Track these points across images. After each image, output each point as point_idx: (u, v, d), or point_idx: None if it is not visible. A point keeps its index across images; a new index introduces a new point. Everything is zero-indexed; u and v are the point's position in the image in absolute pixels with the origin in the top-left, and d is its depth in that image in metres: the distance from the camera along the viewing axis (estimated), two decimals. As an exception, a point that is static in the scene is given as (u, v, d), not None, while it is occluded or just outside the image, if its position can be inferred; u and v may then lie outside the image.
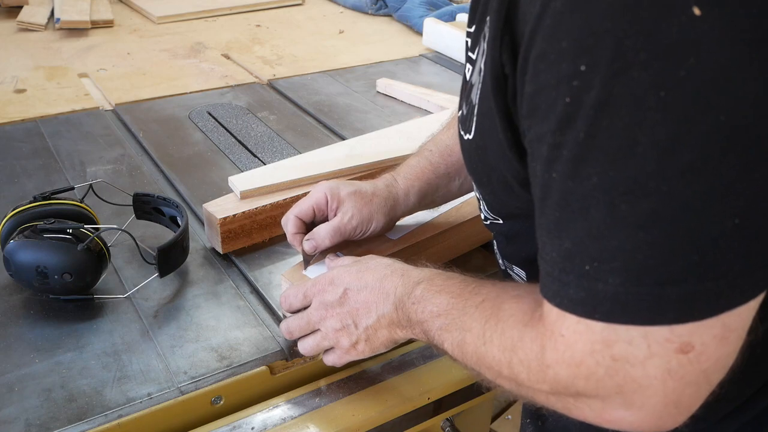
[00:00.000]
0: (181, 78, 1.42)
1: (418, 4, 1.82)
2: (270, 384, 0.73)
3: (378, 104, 1.34)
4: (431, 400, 0.76)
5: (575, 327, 0.43)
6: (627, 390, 0.42)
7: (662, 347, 0.40)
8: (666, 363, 0.40)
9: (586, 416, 0.46)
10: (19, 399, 0.66)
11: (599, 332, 0.42)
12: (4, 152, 1.09)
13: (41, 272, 0.73)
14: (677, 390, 0.41)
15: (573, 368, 0.44)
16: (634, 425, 0.44)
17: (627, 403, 0.43)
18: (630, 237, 0.39)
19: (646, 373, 0.41)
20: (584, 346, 0.43)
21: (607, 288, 0.40)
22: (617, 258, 0.40)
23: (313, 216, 0.78)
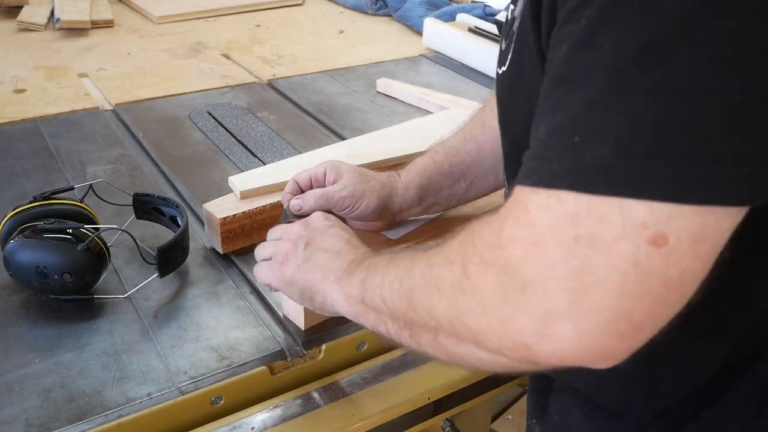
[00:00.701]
0: (181, 78, 1.42)
1: (418, 4, 1.82)
2: (270, 384, 0.73)
3: (378, 104, 1.34)
4: (431, 400, 0.76)
5: (544, 202, 0.39)
6: (580, 282, 0.38)
7: (635, 230, 0.36)
8: (634, 251, 0.36)
9: (522, 333, 0.40)
10: (19, 399, 0.66)
11: (570, 206, 0.38)
12: (4, 152, 1.09)
13: (41, 272, 0.73)
14: (635, 293, 0.37)
15: (528, 247, 0.39)
16: (575, 343, 0.39)
17: (575, 303, 0.38)
18: (631, 104, 0.36)
19: (607, 262, 0.37)
20: (547, 221, 0.39)
21: (594, 157, 0.37)
22: (611, 126, 0.37)
23: (309, 185, 0.81)
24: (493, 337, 0.43)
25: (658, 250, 0.36)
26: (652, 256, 0.36)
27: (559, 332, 0.39)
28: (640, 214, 0.36)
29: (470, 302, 0.44)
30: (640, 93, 0.36)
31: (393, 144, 1.03)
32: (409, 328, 0.51)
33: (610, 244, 0.37)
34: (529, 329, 0.40)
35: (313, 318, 0.76)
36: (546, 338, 0.39)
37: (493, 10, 1.70)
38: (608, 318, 0.38)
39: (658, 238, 0.36)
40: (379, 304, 0.55)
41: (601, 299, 0.37)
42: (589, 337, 0.38)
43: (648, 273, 0.37)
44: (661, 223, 0.36)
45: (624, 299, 0.37)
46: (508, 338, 0.42)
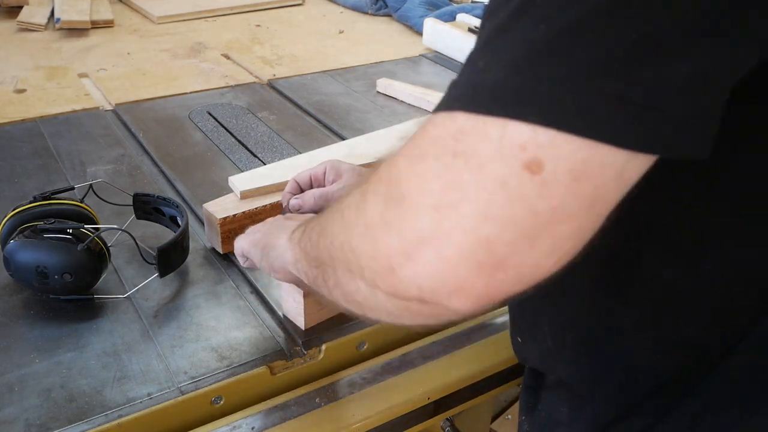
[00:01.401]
0: (181, 78, 1.42)
1: (418, 4, 1.82)
2: (270, 384, 0.73)
3: (378, 104, 1.34)
4: (431, 400, 0.76)
5: (440, 120, 0.38)
6: (448, 198, 0.36)
7: (512, 152, 0.34)
8: (505, 173, 0.34)
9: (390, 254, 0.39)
10: (19, 399, 0.66)
11: (459, 123, 0.36)
12: (4, 152, 1.09)
13: (41, 272, 0.73)
14: (498, 219, 0.35)
15: (412, 160, 0.38)
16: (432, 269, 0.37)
17: (438, 223, 0.36)
18: (530, 29, 0.35)
19: (477, 179, 0.35)
20: (432, 135, 0.37)
21: (489, 78, 0.36)
22: (510, 50, 0.36)
23: (309, 185, 0.82)
24: (367, 257, 0.41)
25: (531, 176, 0.34)
26: (523, 181, 0.34)
27: (420, 254, 0.37)
28: (522, 135, 0.34)
29: (357, 220, 0.42)
30: (541, 18, 0.35)
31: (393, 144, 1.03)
32: (321, 270, 0.50)
33: (484, 162, 0.35)
34: (396, 248, 0.38)
35: (313, 317, 0.76)
36: (409, 259, 0.38)
37: (493, 10, 1.70)
38: (467, 243, 0.35)
39: (533, 163, 0.34)
40: (307, 247, 0.54)
41: (463, 220, 0.35)
42: (447, 263, 0.36)
43: (515, 199, 0.34)
44: (541, 149, 0.34)
45: (486, 224, 0.35)
46: (379, 258, 0.40)
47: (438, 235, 0.36)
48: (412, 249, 0.37)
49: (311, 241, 0.52)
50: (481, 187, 0.35)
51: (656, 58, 0.33)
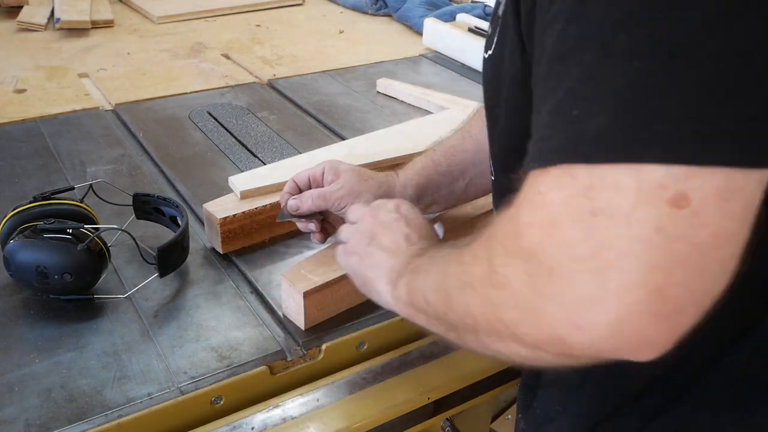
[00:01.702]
0: (181, 78, 1.42)
1: (418, 4, 1.82)
2: (270, 384, 0.73)
3: (378, 104, 1.34)
4: (431, 400, 0.76)
5: (557, 181, 0.37)
6: (603, 259, 0.35)
7: (653, 193, 0.33)
8: (655, 215, 0.33)
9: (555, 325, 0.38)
10: (19, 399, 0.66)
11: (582, 180, 0.35)
12: (4, 152, 1.09)
13: (41, 272, 0.73)
14: (663, 264, 0.34)
15: (546, 229, 0.37)
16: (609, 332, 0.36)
17: (601, 285, 0.35)
18: (624, 69, 0.35)
19: (628, 232, 0.34)
20: (562, 199, 0.36)
21: (593, 127, 0.35)
22: (608, 94, 0.35)
23: (308, 185, 0.82)
24: (528, 330, 0.40)
25: (681, 212, 0.33)
26: (675, 219, 0.33)
27: (591, 320, 0.36)
28: (656, 175, 0.34)
29: (501, 296, 0.42)
30: (632, 56, 0.35)
31: (393, 144, 1.03)
32: (453, 330, 0.51)
33: (629, 212, 0.34)
34: (561, 320, 0.37)
35: (313, 318, 0.76)
36: (579, 328, 0.37)
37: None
38: (639, 297, 0.34)
39: (678, 198, 0.33)
40: (424, 307, 0.54)
41: (627, 276, 0.34)
42: (622, 322, 0.35)
43: (675, 238, 0.34)
44: (680, 182, 0.33)
45: (653, 273, 0.34)
46: (542, 331, 0.39)
47: (605, 298, 0.35)
48: (580, 318, 0.36)
49: (429, 303, 0.53)
50: (635, 238, 0.34)
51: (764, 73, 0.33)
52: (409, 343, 0.81)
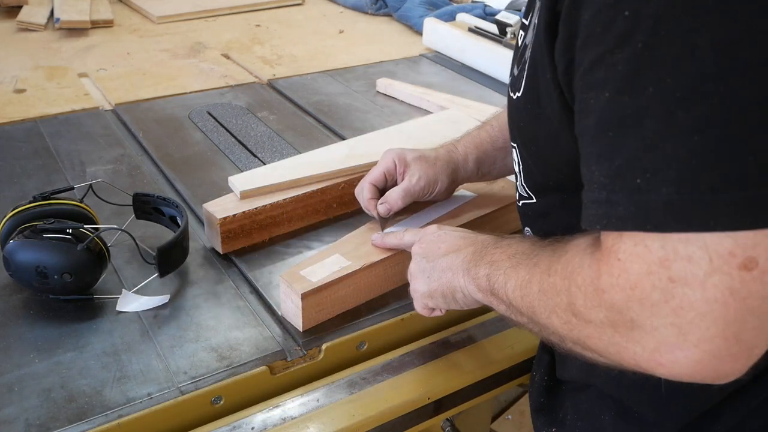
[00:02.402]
0: (181, 78, 1.42)
1: (418, 4, 1.82)
2: (270, 384, 0.73)
3: (378, 104, 1.34)
4: (431, 400, 0.76)
5: (632, 249, 0.41)
6: (683, 318, 0.40)
7: (724, 261, 0.38)
8: (728, 281, 0.38)
9: (637, 359, 0.44)
10: (19, 399, 0.66)
11: (657, 251, 0.40)
12: (4, 152, 1.09)
13: (41, 272, 0.73)
14: (738, 318, 0.39)
15: (628, 291, 0.42)
16: (690, 369, 0.41)
17: (682, 337, 0.40)
18: (685, 143, 0.38)
19: (705, 296, 0.39)
20: (640, 268, 0.41)
21: (660, 198, 0.39)
22: (671, 166, 0.39)
23: (384, 182, 0.85)
24: (612, 357, 0.46)
25: (750, 274, 0.38)
26: (746, 281, 0.38)
27: (671, 360, 0.41)
28: (725, 246, 0.38)
29: (586, 330, 0.47)
30: (691, 130, 0.38)
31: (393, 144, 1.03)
32: (538, 328, 0.54)
33: (704, 280, 0.39)
34: (643, 358, 0.43)
35: (310, 319, 0.76)
36: (660, 365, 0.42)
37: (493, 10, 1.70)
38: (717, 345, 0.39)
39: (748, 262, 0.38)
40: (507, 300, 0.57)
41: (707, 331, 0.39)
42: (702, 363, 0.40)
43: (747, 297, 0.38)
44: (748, 249, 0.38)
45: (729, 326, 0.39)
46: (625, 361, 0.45)
47: (685, 347, 0.40)
48: (660, 357, 0.42)
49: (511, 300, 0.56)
50: (713, 300, 0.39)
51: None
52: (409, 343, 0.81)
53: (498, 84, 1.45)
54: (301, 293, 0.73)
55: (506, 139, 0.84)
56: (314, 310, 0.76)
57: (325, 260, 0.78)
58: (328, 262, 0.78)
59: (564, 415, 0.69)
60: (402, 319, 0.81)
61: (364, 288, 0.80)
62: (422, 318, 0.81)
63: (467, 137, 0.88)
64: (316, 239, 0.91)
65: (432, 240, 0.71)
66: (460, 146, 0.86)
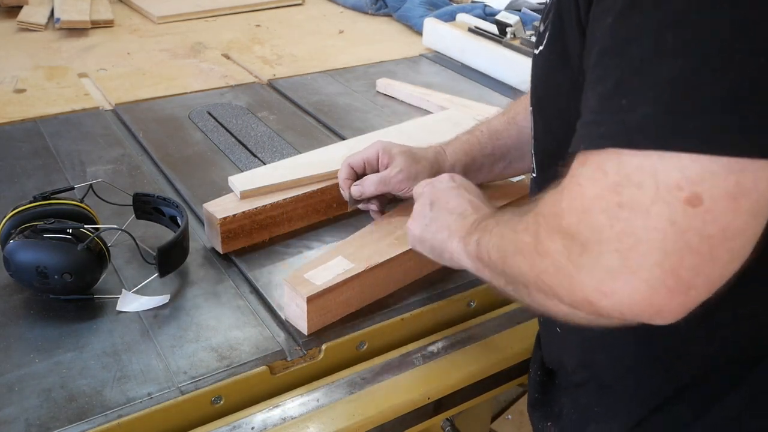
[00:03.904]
0: (181, 78, 1.42)
1: (418, 4, 1.82)
2: (270, 384, 0.73)
3: (378, 104, 1.34)
4: (431, 400, 0.76)
5: (591, 174, 0.43)
6: (625, 243, 0.41)
7: (669, 192, 0.39)
8: (670, 211, 0.39)
9: (585, 291, 0.45)
10: (19, 399, 0.66)
11: (612, 176, 0.42)
12: (4, 152, 1.09)
13: (41, 272, 0.73)
14: (676, 251, 0.40)
15: (580, 215, 0.44)
16: (629, 299, 0.42)
17: (623, 262, 0.41)
18: (670, 65, 0.39)
19: (646, 223, 0.40)
20: (594, 192, 0.43)
21: (636, 117, 0.41)
22: (653, 87, 0.40)
23: (363, 168, 0.87)
24: (565, 293, 0.47)
25: (694, 210, 0.39)
26: (688, 215, 0.39)
27: (614, 289, 0.42)
28: (673, 177, 0.39)
29: (544, 263, 0.48)
30: (678, 54, 0.39)
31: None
32: (512, 283, 0.56)
33: (648, 207, 0.40)
34: (590, 287, 0.44)
35: (316, 323, 0.76)
36: (605, 295, 0.43)
37: (493, 10, 1.70)
38: (655, 275, 0.40)
39: (692, 198, 0.39)
40: (488, 262, 0.59)
41: (645, 258, 0.40)
42: (641, 293, 0.41)
43: (686, 231, 0.39)
44: (695, 185, 0.39)
45: (667, 257, 0.40)
46: (575, 294, 0.46)
47: (627, 273, 0.41)
48: (605, 286, 0.43)
49: (492, 260, 0.58)
50: (652, 228, 0.40)
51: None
52: (409, 343, 0.81)
53: (498, 84, 1.45)
54: (307, 296, 0.73)
55: (494, 147, 0.87)
56: (319, 313, 0.76)
57: (329, 263, 0.78)
58: (332, 264, 0.78)
59: (560, 409, 0.69)
60: (402, 319, 0.81)
61: (368, 289, 0.80)
62: (422, 318, 0.82)
63: (457, 142, 0.88)
64: (316, 239, 0.91)
65: (443, 189, 0.73)
66: (449, 152, 0.87)
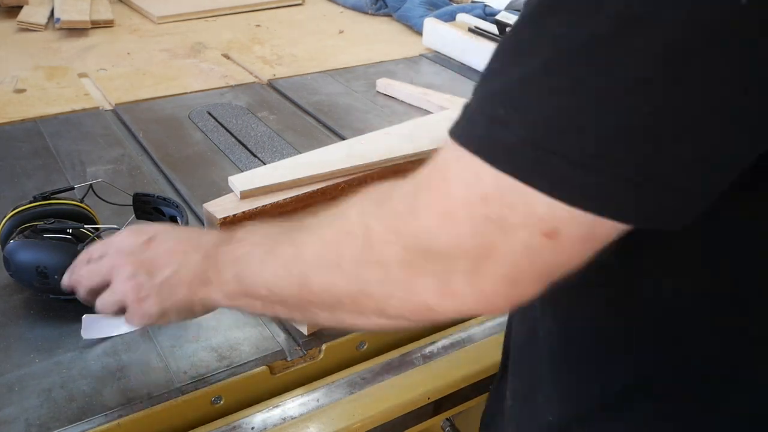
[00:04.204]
0: (181, 78, 1.42)
1: (418, 4, 1.82)
2: (270, 384, 0.73)
3: (378, 104, 1.34)
4: (431, 400, 0.76)
5: (463, 174, 0.41)
6: (482, 255, 0.41)
7: (534, 222, 0.39)
8: (529, 239, 0.40)
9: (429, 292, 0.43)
10: (19, 399, 0.66)
11: (486, 186, 0.40)
12: (4, 152, 1.09)
13: (41, 272, 0.73)
14: (523, 271, 0.41)
15: (441, 218, 0.42)
16: (471, 299, 0.43)
17: (474, 271, 0.42)
18: (556, 94, 0.37)
19: (506, 240, 0.40)
20: (463, 195, 0.41)
21: (509, 137, 0.39)
22: (533, 111, 0.38)
23: None
24: (396, 302, 0.45)
25: (549, 242, 0.39)
26: (543, 246, 0.40)
27: (459, 291, 0.42)
28: (541, 209, 0.39)
29: (374, 273, 0.45)
30: (567, 86, 0.37)
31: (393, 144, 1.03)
32: (302, 309, 0.51)
33: (512, 229, 0.40)
34: (432, 290, 0.43)
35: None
36: (448, 297, 0.43)
37: (493, 10, 1.70)
38: (500, 284, 0.42)
39: (551, 232, 0.39)
40: (265, 294, 0.53)
41: (495, 270, 0.41)
42: (484, 296, 0.42)
43: (537, 257, 0.40)
44: (557, 221, 0.39)
45: (514, 273, 0.41)
46: (411, 301, 0.44)
47: (475, 279, 0.42)
48: (449, 288, 0.43)
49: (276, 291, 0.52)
50: (510, 249, 0.40)
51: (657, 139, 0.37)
52: (409, 343, 0.81)
53: (498, 84, 1.45)
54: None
55: None
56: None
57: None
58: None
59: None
60: (402, 319, 0.81)
61: None
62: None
63: None
64: (316, 239, 0.91)
65: (139, 246, 0.61)
66: None
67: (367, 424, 0.72)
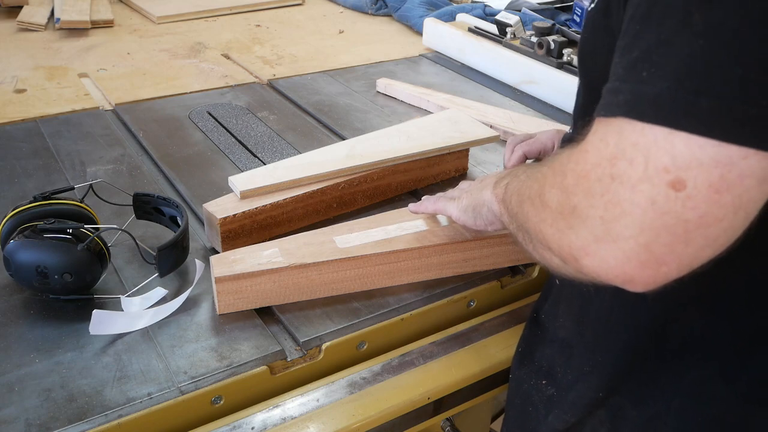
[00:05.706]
0: (181, 78, 1.42)
1: (418, 4, 1.82)
2: (270, 384, 0.73)
3: (378, 104, 1.34)
4: (431, 400, 0.76)
5: (596, 143, 0.45)
6: (610, 213, 0.44)
7: (656, 174, 0.41)
8: (654, 191, 0.41)
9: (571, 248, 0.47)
10: (19, 399, 0.66)
11: (611, 148, 0.44)
12: (4, 152, 1.09)
13: (41, 272, 0.73)
14: (653, 228, 0.42)
15: (579, 178, 0.46)
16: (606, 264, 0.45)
17: (605, 230, 0.44)
18: (691, 44, 0.41)
19: (631, 198, 0.42)
20: (594, 159, 0.45)
21: (652, 90, 0.42)
22: (673, 62, 0.41)
23: (537, 156, 0.92)
24: (556, 246, 0.50)
25: (676, 194, 0.41)
26: (669, 198, 0.41)
27: (595, 252, 0.45)
28: (663, 160, 0.41)
29: (544, 213, 0.51)
30: (700, 34, 0.40)
31: (393, 144, 1.03)
32: (520, 230, 0.59)
33: (635, 184, 0.42)
34: (576, 245, 0.47)
35: (227, 304, 0.77)
36: (587, 255, 0.46)
37: (493, 10, 1.70)
38: (630, 247, 0.43)
39: (676, 182, 0.41)
40: (509, 205, 0.63)
41: (624, 230, 0.43)
42: (616, 261, 0.44)
43: (664, 213, 0.41)
44: (681, 170, 0.41)
45: (643, 233, 0.42)
46: (564, 249, 0.49)
47: (607, 239, 0.44)
48: (588, 247, 0.46)
49: (511, 205, 0.62)
50: (635, 204, 0.42)
51: None
52: (409, 343, 0.81)
53: (498, 84, 1.45)
54: (215, 277, 0.75)
55: None
56: (231, 296, 0.77)
57: (264, 251, 0.79)
58: (265, 253, 0.79)
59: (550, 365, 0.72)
60: (402, 319, 0.81)
61: (290, 287, 0.79)
62: (422, 318, 0.82)
63: None
64: (316, 239, 0.91)
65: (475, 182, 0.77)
66: None
67: (367, 424, 0.72)
